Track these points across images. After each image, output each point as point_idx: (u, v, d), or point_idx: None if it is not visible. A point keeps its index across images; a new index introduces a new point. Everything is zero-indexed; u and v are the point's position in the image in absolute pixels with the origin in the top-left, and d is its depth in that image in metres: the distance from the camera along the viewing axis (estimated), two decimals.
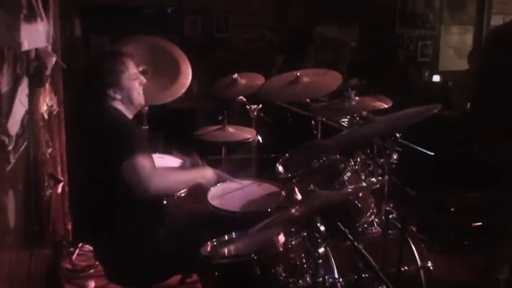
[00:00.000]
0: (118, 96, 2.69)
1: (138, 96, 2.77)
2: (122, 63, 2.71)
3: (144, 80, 2.80)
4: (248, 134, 3.72)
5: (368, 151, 2.95)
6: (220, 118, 3.68)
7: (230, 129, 3.68)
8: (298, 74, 3.48)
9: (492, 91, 3.29)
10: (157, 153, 3.60)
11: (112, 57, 2.74)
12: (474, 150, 3.46)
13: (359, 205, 2.77)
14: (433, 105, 2.38)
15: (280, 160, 3.41)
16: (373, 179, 2.92)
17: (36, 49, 2.92)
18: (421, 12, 6.92)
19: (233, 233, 2.56)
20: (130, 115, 2.77)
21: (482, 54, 3.61)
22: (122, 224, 2.56)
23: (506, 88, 3.21)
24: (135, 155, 2.46)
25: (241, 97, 3.81)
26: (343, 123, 3.70)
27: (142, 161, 2.47)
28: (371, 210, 2.82)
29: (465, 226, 4.04)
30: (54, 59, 3.22)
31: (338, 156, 3.08)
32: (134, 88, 2.73)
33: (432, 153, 2.92)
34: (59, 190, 3.67)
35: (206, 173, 2.84)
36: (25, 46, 2.53)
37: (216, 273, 2.34)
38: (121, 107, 2.72)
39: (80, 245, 4.00)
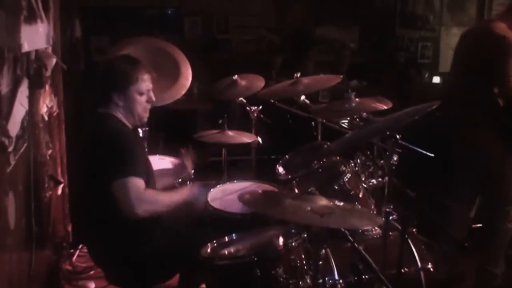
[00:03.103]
0: (120, 103, 2.66)
1: (142, 112, 2.74)
2: (137, 74, 2.67)
3: (153, 99, 2.76)
4: (248, 138, 3.70)
5: (368, 152, 2.95)
6: (220, 122, 3.67)
7: (230, 133, 3.67)
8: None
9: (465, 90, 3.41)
10: (157, 155, 3.60)
11: (130, 64, 2.70)
12: (453, 149, 3.56)
13: (359, 207, 2.77)
14: (431, 102, 2.38)
15: (281, 161, 3.41)
16: (373, 181, 2.94)
17: (36, 51, 2.92)
18: (421, 13, 6.91)
19: (233, 235, 2.56)
20: (129, 125, 2.75)
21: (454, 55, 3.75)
22: (121, 225, 2.55)
23: (477, 88, 3.38)
24: (127, 175, 2.46)
25: (241, 98, 3.81)
26: (343, 125, 3.70)
27: (132, 182, 2.46)
28: (371, 212, 2.82)
29: None
30: (54, 60, 3.22)
31: (338, 158, 3.08)
32: (139, 103, 2.69)
33: (432, 154, 2.91)
34: (59, 191, 3.67)
35: (194, 191, 2.80)
36: (25, 47, 2.53)
37: (217, 275, 2.35)
38: (121, 116, 2.69)
39: (80, 246, 4.00)
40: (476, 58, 3.45)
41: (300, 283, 2.28)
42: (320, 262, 2.21)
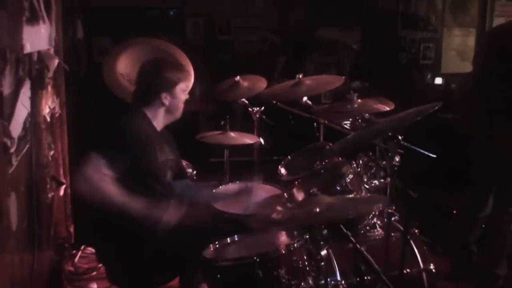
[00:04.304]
0: (167, 102, 2.78)
1: (180, 108, 2.86)
2: (181, 75, 2.84)
3: (188, 96, 2.91)
4: (250, 139, 3.70)
5: (371, 153, 2.94)
6: (222, 123, 3.67)
7: (232, 134, 3.67)
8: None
9: (493, 90, 3.35)
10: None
11: (175, 67, 2.87)
12: (471, 149, 3.51)
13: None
14: (434, 103, 2.38)
15: (283, 162, 3.41)
16: (376, 181, 2.93)
17: (38, 52, 2.92)
18: (423, 14, 6.89)
19: (236, 236, 2.56)
20: (159, 124, 2.83)
21: (480, 54, 3.66)
22: (124, 226, 2.55)
23: (505, 87, 3.26)
24: (97, 152, 2.51)
25: (243, 99, 3.81)
26: (345, 126, 3.70)
27: (94, 159, 2.49)
28: (373, 213, 2.82)
29: None
30: (56, 62, 3.23)
31: (340, 159, 3.08)
32: (181, 100, 2.84)
33: (434, 155, 2.91)
34: (61, 192, 3.68)
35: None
36: (27, 48, 2.53)
37: (219, 276, 2.34)
38: (153, 115, 2.79)
39: (82, 247, 4.00)
40: None
41: (302, 284, 2.28)
42: (322, 263, 2.20)
